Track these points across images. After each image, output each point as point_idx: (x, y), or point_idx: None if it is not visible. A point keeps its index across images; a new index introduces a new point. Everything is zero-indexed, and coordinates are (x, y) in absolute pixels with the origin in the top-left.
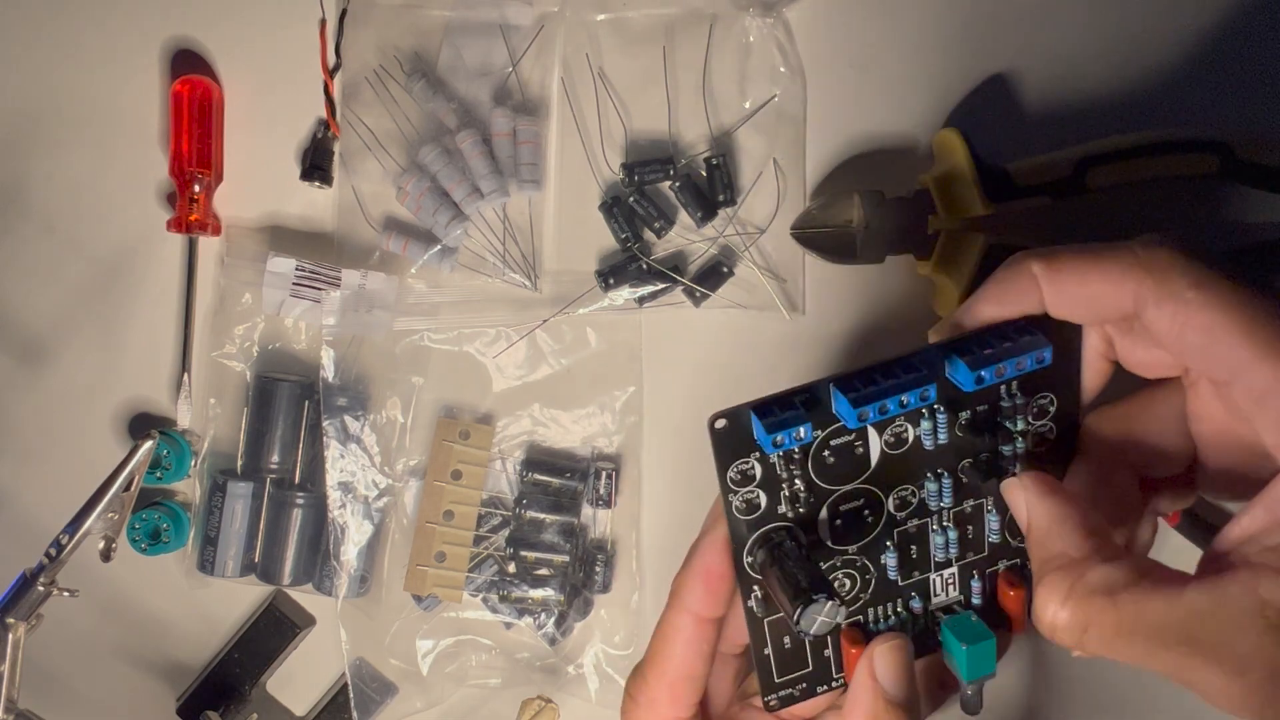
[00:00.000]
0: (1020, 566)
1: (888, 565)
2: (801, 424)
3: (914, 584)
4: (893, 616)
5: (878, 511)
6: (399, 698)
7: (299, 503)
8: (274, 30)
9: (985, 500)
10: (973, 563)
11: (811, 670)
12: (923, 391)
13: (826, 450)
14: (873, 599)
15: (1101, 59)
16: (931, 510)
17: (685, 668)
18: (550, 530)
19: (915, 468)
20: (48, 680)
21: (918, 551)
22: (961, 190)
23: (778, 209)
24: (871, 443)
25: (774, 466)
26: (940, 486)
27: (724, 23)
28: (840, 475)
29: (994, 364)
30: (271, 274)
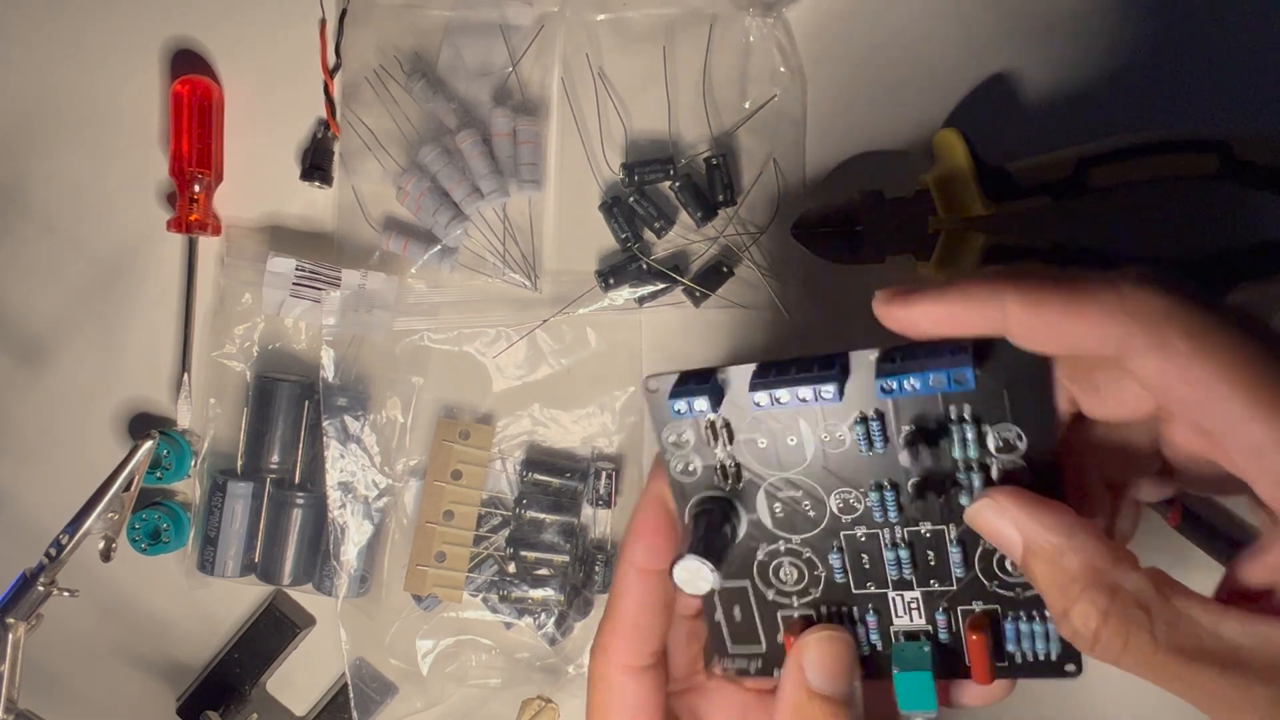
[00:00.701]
0: (996, 611)
1: (834, 567)
2: (702, 396)
3: (870, 597)
4: (846, 622)
5: (819, 509)
6: (399, 698)
7: (299, 503)
8: (274, 30)
9: (945, 529)
10: (939, 594)
11: (765, 650)
12: (821, 389)
13: (757, 434)
14: (824, 597)
15: (1101, 59)
16: (878, 522)
17: (634, 618)
18: (550, 530)
19: (858, 472)
20: (48, 680)
21: (870, 562)
22: (961, 190)
23: (778, 209)
24: (805, 436)
25: (705, 437)
26: (883, 498)
27: (724, 23)
28: (775, 463)
29: (901, 375)
30: (271, 274)
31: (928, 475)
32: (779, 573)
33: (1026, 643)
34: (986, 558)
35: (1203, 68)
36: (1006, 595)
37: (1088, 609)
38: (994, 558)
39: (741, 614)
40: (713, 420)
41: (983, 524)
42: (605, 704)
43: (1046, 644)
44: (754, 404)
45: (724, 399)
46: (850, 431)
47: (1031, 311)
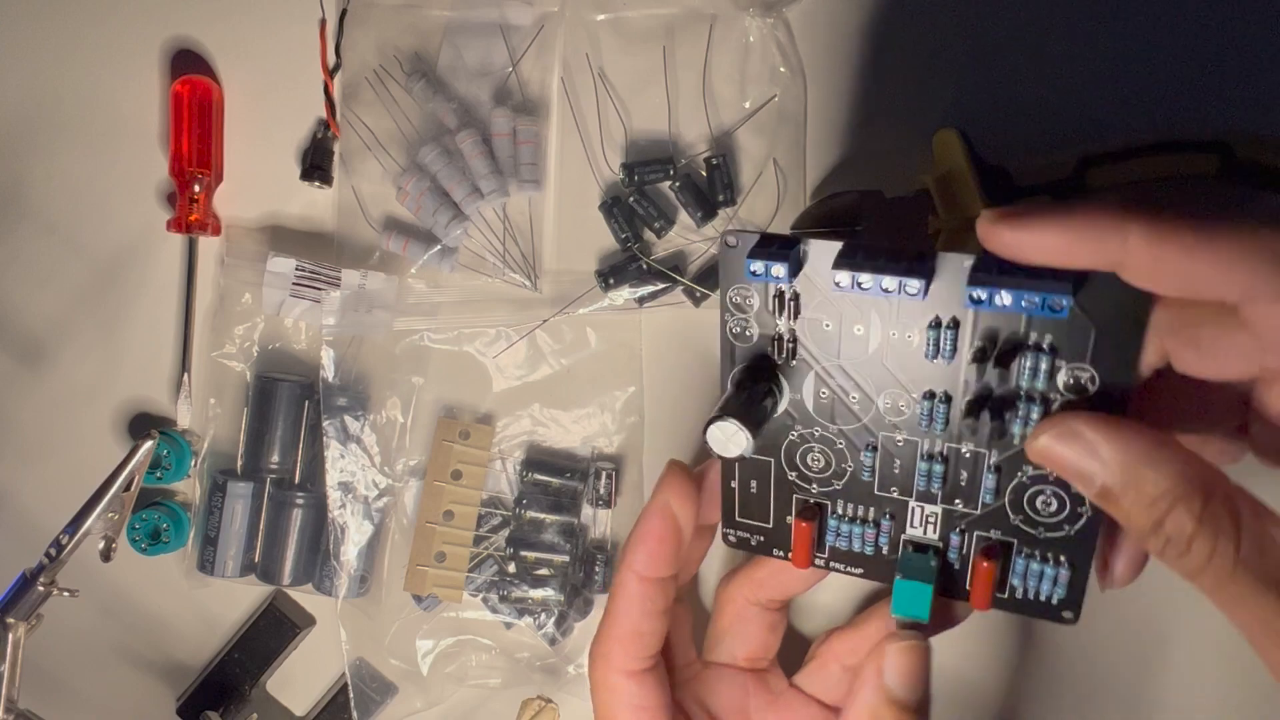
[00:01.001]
0: (1012, 545)
1: (864, 464)
2: (782, 263)
3: (890, 502)
4: (859, 523)
5: (865, 404)
6: (399, 698)
7: (299, 503)
8: (274, 30)
9: (985, 453)
10: (961, 515)
11: (771, 529)
12: (907, 283)
13: (824, 315)
14: (844, 491)
15: (1101, 59)
16: (921, 431)
17: (633, 624)
18: (550, 530)
19: (916, 376)
20: (48, 680)
21: (901, 468)
22: (961, 190)
23: (778, 209)
24: (873, 328)
25: (771, 305)
26: (934, 408)
27: (724, 23)
28: (833, 348)
29: (995, 286)
30: (271, 274)
31: (985, 396)
32: (806, 457)
33: (1033, 581)
34: (1020, 490)
35: (1203, 68)
36: (1028, 532)
37: (1183, 515)
38: (1027, 493)
39: (757, 488)
40: (783, 290)
41: (1057, 454)
42: (612, 708)
43: (1053, 587)
44: (834, 283)
45: (802, 271)
46: (922, 334)
47: (1156, 246)
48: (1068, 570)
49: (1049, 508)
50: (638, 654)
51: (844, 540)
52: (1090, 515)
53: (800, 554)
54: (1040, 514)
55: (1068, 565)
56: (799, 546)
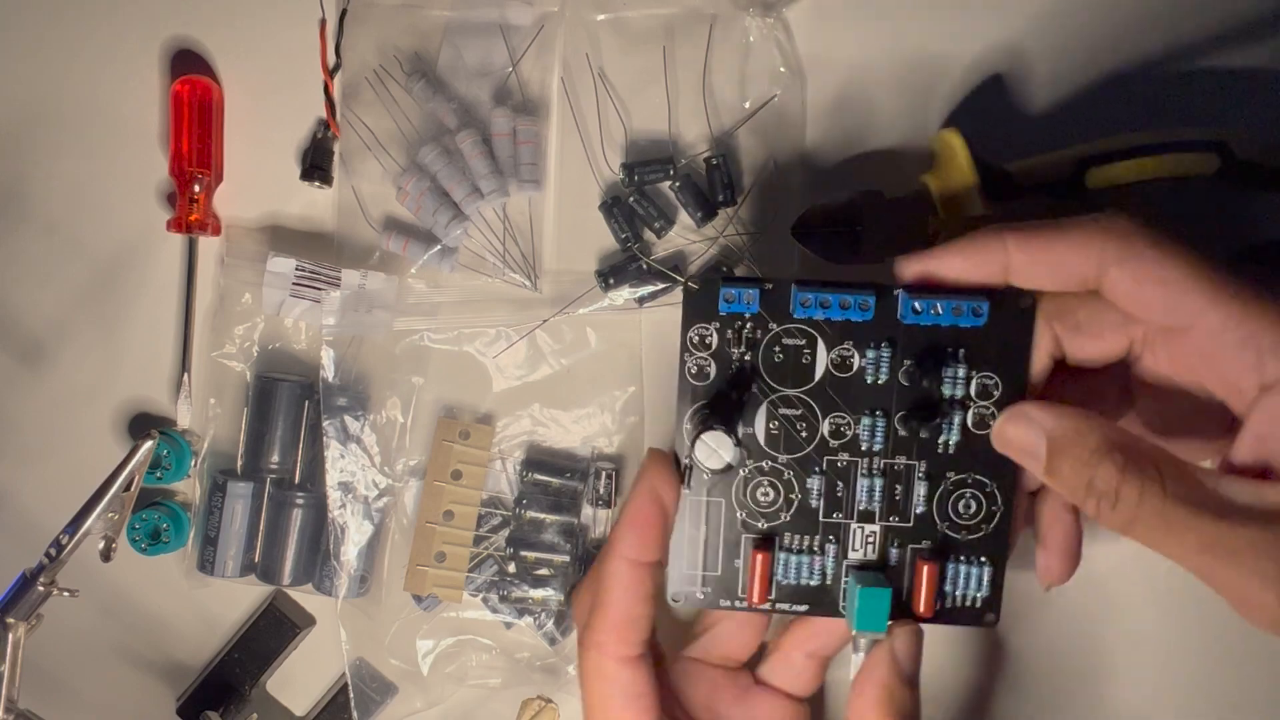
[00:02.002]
0: (941, 551)
1: (812, 490)
2: (753, 289)
3: (834, 527)
4: (805, 554)
5: (812, 429)
6: (399, 698)
7: (299, 503)
8: (274, 30)
9: (916, 465)
10: (896, 530)
11: (720, 576)
12: (862, 300)
13: (777, 347)
14: (791, 522)
15: (1101, 59)
16: (862, 449)
17: (625, 610)
18: (550, 530)
19: (856, 398)
20: (48, 680)
21: (844, 491)
22: (961, 190)
23: (778, 209)
24: (819, 355)
25: (728, 340)
26: (874, 424)
27: (724, 23)
28: (783, 377)
29: (932, 299)
30: (271, 274)
31: (917, 407)
32: (756, 492)
33: (962, 585)
34: (945, 497)
35: (1203, 68)
36: (953, 537)
37: (1109, 468)
38: (951, 499)
39: (707, 544)
40: (746, 321)
41: (1010, 434)
42: (605, 696)
43: (977, 588)
44: (798, 304)
45: (766, 299)
46: (861, 357)
47: (1026, 244)
48: (989, 568)
49: (969, 510)
50: (630, 639)
51: (791, 573)
52: (1002, 511)
53: (758, 589)
54: (963, 516)
55: (989, 563)
56: (755, 580)
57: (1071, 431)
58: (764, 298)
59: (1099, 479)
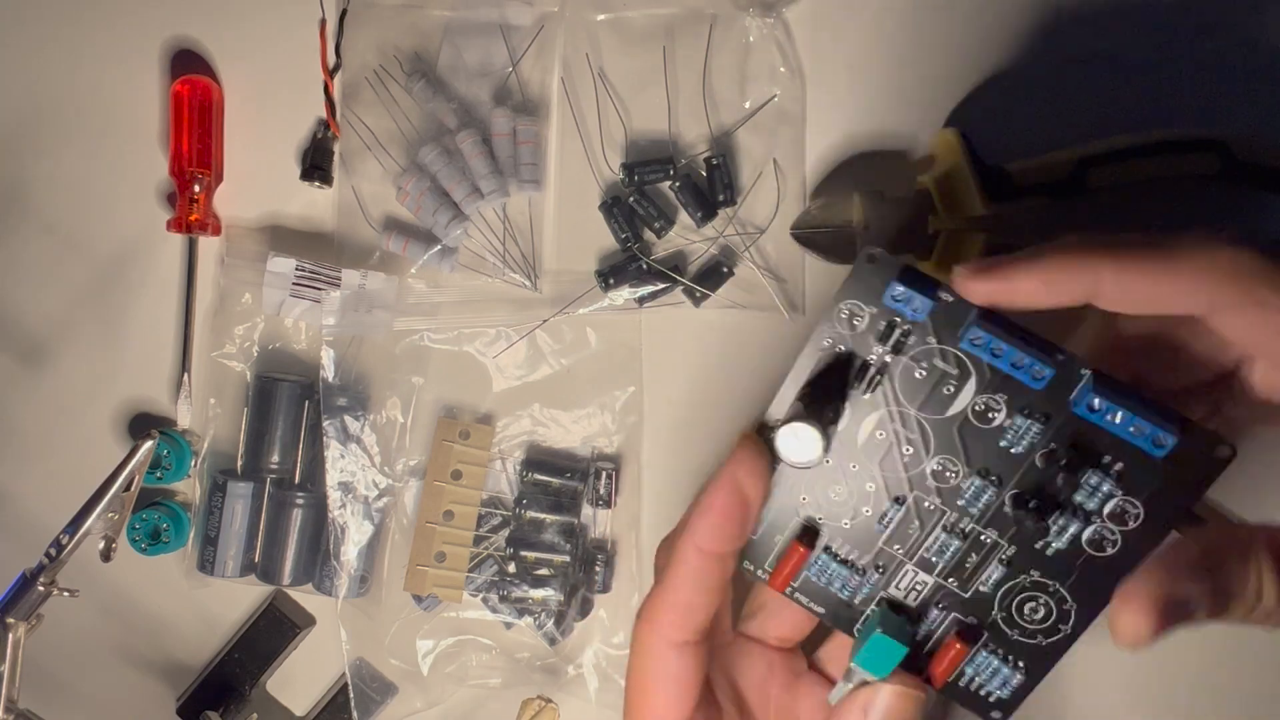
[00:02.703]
0: (979, 633)
1: (887, 515)
2: (926, 297)
3: (888, 557)
4: (846, 568)
5: (918, 459)
6: (399, 698)
7: (299, 503)
8: (274, 30)
9: (1004, 546)
10: (949, 593)
11: (757, 539)
12: (1037, 370)
13: (924, 364)
14: (848, 532)
15: (1102, 59)
16: (957, 504)
17: (689, 596)
18: (550, 530)
19: (979, 453)
20: (48, 680)
21: (916, 532)
22: (961, 190)
23: (778, 209)
24: (963, 395)
25: (877, 332)
26: (984, 489)
27: (724, 23)
28: (915, 395)
29: (1117, 405)
30: (271, 274)
31: (1035, 494)
32: (831, 488)
33: (984, 675)
34: (1016, 592)
35: (1203, 68)
36: (1002, 629)
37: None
38: (1020, 596)
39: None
40: (905, 324)
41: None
42: (648, 673)
43: (1000, 687)
44: (969, 339)
45: (934, 313)
46: (1010, 419)
47: (1125, 275)
48: (1021, 676)
49: (1035, 615)
50: (686, 624)
51: (824, 578)
52: (1068, 635)
53: (782, 576)
54: (1024, 617)
55: (1023, 672)
56: (785, 568)
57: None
58: (935, 309)
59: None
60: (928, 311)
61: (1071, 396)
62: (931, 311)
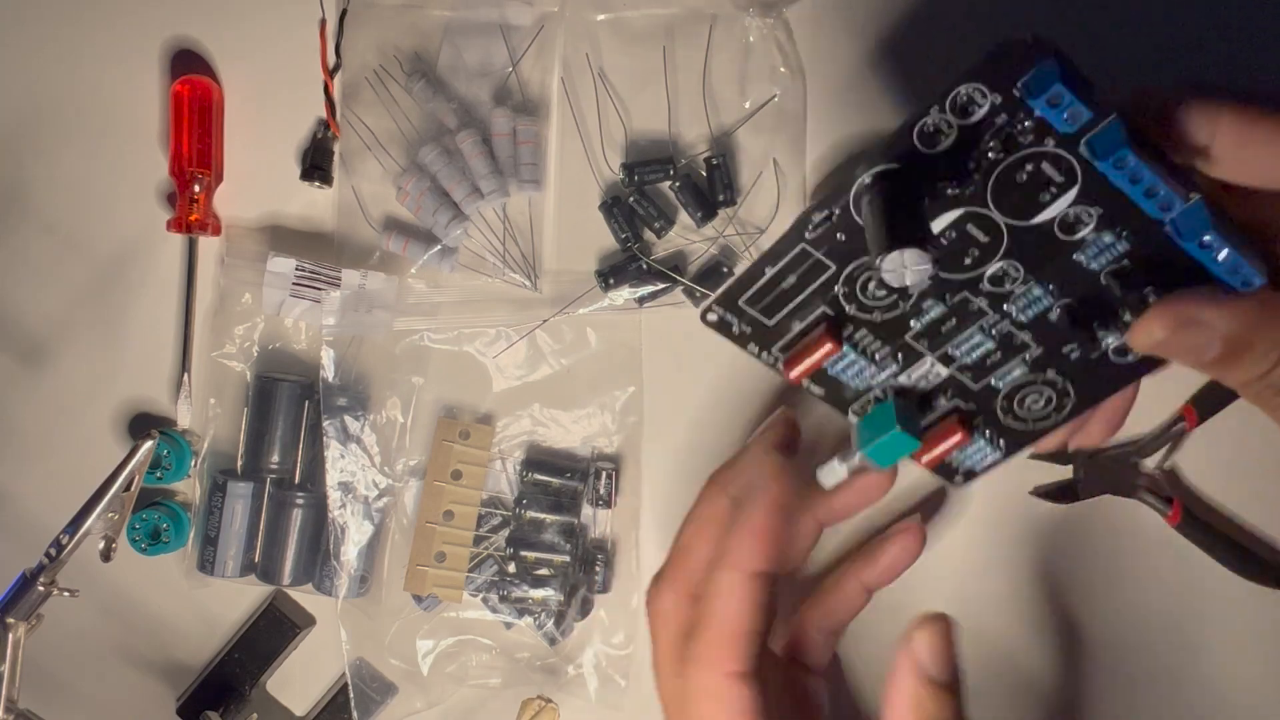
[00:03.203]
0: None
1: (925, 311)
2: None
3: (910, 351)
4: (866, 360)
5: (980, 262)
6: (399, 698)
7: (299, 503)
8: (274, 30)
9: (1033, 349)
10: (959, 386)
11: (770, 327)
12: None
13: (1030, 166)
14: (878, 326)
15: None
16: (1005, 310)
17: (741, 623)
18: (550, 530)
19: (1047, 263)
20: (48, 680)
21: (950, 330)
22: None
23: (778, 209)
24: (1060, 202)
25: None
26: (1041, 298)
27: (724, 23)
28: (1004, 197)
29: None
30: (271, 274)
31: (1092, 307)
32: (871, 281)
33: (969, 453)
34: (1025, 386)
35: (1202, 68)
36: (997, 415)
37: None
38: (1027, 389)
39: (790, 285)
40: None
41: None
42: (715, 715)
43: (975, 460)
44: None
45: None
46: (1097, 233)
47: (1248, 130)
48: (999, 454)
49: (1035, 404)
50: (746, 653)
51: (839, 366)
52: (1057, 421)
53: (802, 367)
54: (1023, 406)
55: (1004, 450)
56: (807, 360)
57: (1252, 329)
58: (1087, 122)
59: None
60: (1079, 123)
61: (1181, 232)
62: (1084, 124)
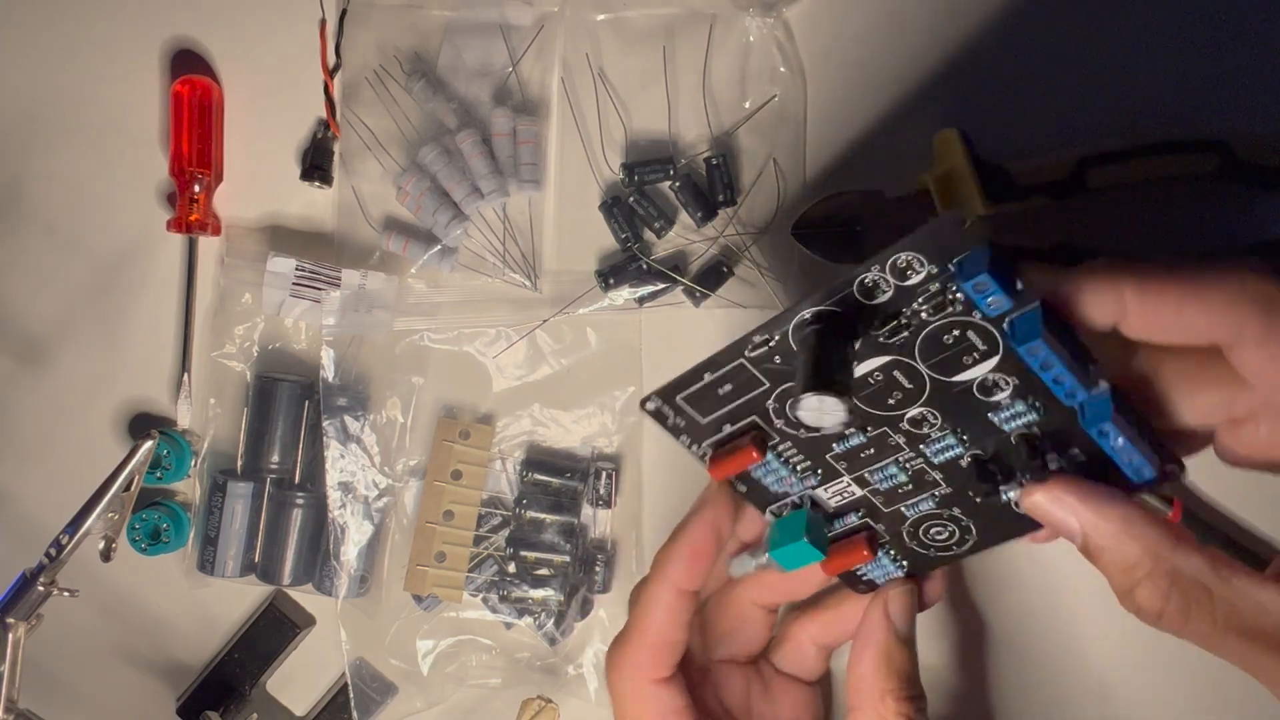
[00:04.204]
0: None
1: (849, 438)
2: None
3: (828, 468)
4: (787, 470)
5: (903, 405)
6: (399, 698)
7: (299, 503)
8: (274, 30)
9: (944, 490)
10: (870, 507)
11: (702, 425)
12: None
13: (956, 333)
14: (802, 444)
15: (1101, 59)
16: (920, 450)
17: (665, 634)
18: (550, 530)
19: (964, 416)
20: (48, 680)
21: (868, 458)
22: (961, 190)
23: (778, 209)
24: (980, 370)
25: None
26: (954, 447)
27: (724, 23)
28: (931, 356)
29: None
30: (271, 274)
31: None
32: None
33: (868, 568)
34: (931, 518)
35: (1203, 68)
36: (904, 539)
37: (1150, 591)
38: (932, 521)
39: (726, 392)
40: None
41: (1042, 512)
42: (640, 715)
43: (877, 574)
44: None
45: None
46: (1011, 403)
47: (1149, 300)
48: (901, 571)
49: (939, 537)
50: (666, 661)
51: (761, 471)
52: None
53: (725, 467)
54: (927, 536)
55: (904, 569)
56: (731, 463)
57: (1112, 539)
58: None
59: (1139, 597)
60: (1000, 310)
61: (1085, 416)
62: (1005, 310)
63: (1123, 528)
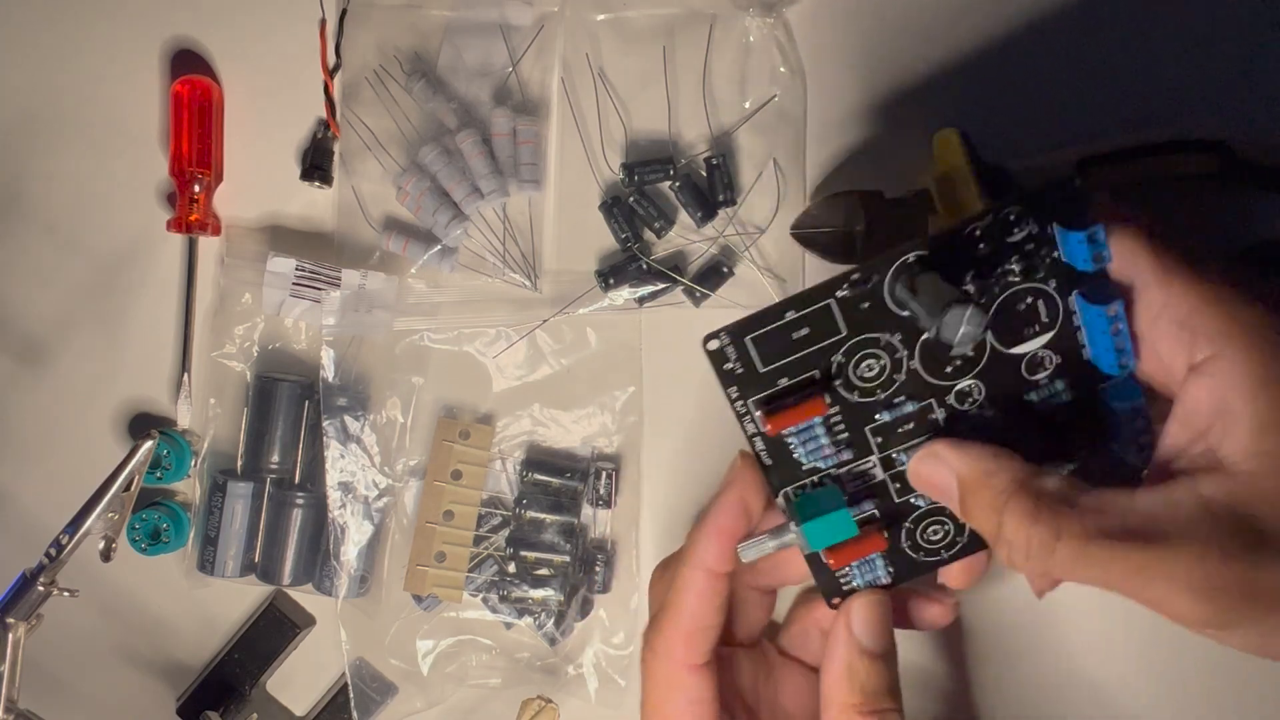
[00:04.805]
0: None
1: (897, 405)
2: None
3: (862, 443)
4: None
5: (954, 377)
6: (399, 698)
7: (299, 503)
8: (274, 30)
9: None
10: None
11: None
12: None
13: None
14: (847, 410)
15: (1102, 59)
16: (955, 429)
17: (699, 619)
18: (550, 530)
19: (1000, 391)
20: (48, 680)
21: (905, 433)
22: (961, 190)
23: (778, 209)
24: (1033, 342)
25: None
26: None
27: (724, 23)
28: (998, 320)
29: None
30: (271, 274)
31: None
32: (863, 363)
33: (860, 566)
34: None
35: (1203, 68)
36: (899, 538)
37: (1017, 517)
38: (927, 521)
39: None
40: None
41: (923, 473)
42: (670, 703)
43: (860, 579)
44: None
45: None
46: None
47: None
48: (887, 577)
49: (934, 537)
50: (699, 647)
51: (800, 437)
52: (941, 560)
53: (788, 417)
54: (923, 536)
55: (890, 575)
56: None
57: (979, 473)
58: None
59: (1007, 529)
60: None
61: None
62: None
63: (990, 462)
